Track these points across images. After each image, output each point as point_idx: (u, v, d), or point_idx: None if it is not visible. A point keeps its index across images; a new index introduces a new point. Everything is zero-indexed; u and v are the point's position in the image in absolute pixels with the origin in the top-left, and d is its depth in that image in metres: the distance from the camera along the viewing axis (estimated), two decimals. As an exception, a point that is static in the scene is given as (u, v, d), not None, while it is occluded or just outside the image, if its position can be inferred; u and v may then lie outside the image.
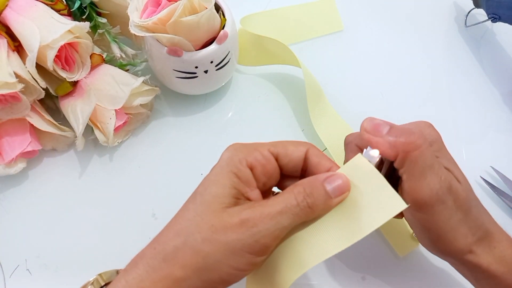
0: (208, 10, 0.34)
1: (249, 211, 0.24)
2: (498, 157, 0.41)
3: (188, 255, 0.23)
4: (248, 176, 0.25)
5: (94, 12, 0.38)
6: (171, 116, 0.42)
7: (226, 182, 0.25)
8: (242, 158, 0.25)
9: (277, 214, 0.23)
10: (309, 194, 0.24)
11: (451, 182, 0.25)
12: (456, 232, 0.26)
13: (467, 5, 0.50)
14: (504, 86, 0.46)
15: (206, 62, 0.37)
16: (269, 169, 0.26)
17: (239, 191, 0.25)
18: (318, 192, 0.24)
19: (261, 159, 0.26)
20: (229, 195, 0.25)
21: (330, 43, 0.48)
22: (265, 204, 0.24)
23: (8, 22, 0.34)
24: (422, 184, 0.25)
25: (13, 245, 0.36)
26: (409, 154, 0.24)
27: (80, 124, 0.35)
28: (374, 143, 0.25)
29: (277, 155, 0.26)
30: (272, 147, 0.26)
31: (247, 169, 0.25)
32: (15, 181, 0.39)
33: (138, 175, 0.39)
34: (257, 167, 0.26)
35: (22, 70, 0.34)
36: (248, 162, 0.25)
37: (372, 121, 0.26)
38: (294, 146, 0.27)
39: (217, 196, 0.24)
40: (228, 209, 0.24)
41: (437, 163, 0.25)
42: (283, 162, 0.26)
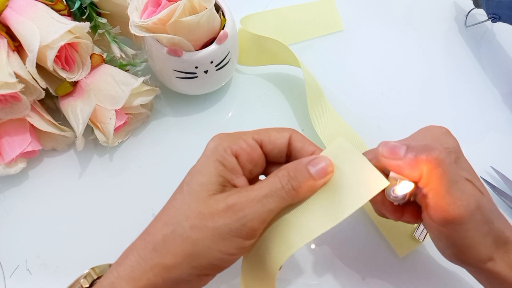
0: (208, 10, 0.34)
1: (235, 196, 0.24)
2: (498, 157, 0.41)
3: (177, 243, 0.24)
4: (234, 164, 0.26)
5: (94, 12, 0.38)
6: (171, 116, 0.42)
7: (212, 171, 0.25)
8: (226, 146, 0.26)
9: (263, 198, 0.24)
10: (293, 177, 0.24)
11: (476, 197, 0.25)
12: (481, 245, 0.26)
13: (467, 5, 0.50)
14: (504, 86, 0.46)
15: (206, 62, 0.37)
16: (254, 156, 0.26)
17: (225, 179, 0.25)
18: (302, 174, 0.25)
19: (245, 147, 0.26)
20: (215, 183, 0.25)
21: (330, 43, 0.48)
22: (251, 189, 0.24)
23: (8, 22, 0.34)
24: (449, 202, 0.24)
25: (13, 245, 0.36)
26: (433, 171, 0.24)
27: (80, 124, 0.35)
28: (396, 167, 0.25)
29: (261, 142, 0.27)
30: (255, 135, 0.27)
31: (232, 157, 0.26)
32: (15, 181, 0.39)
33: (138, 175, 0.39)
34: (242, 155, 0.26)
35: (22, 70, 0.34)
36: (232, 150, 0.26)
37: (387, 144, 0.26)
38: (277, 132, 0.27)
39: (203, 184, 0.25)
40: (214, 196, 0.24)
41: (461, 177, 0.25)
42: (268, 149, 0.27)
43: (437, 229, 0.26)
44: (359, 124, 0.42)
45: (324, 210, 0.25)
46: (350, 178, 0.25)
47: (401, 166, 0.25)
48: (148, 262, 0.24)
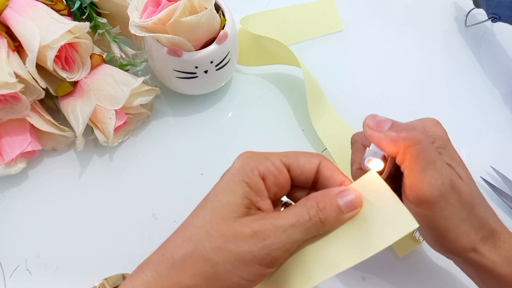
0: (208, 10, 0.34)
1: (261, 223, 0.23)
2: (498, 157, 0.41)
3: (198, 263, 0.23)
4: (260, 186, 0.25)
5: (94, 12, 0.38)
6: (171, 116, 0.42)
7: (237, 191, 0.24)
8: (254, 167, 0.25)
9: (289, 228, 0.23)
10: (322, 209, 0.24)
11: (453, 179, 0.25)
12: (459, 229, 0.26)
13: (467, 5, 0.50)
14: (504, 86, 0.46)
15: (206, 62, 0.37)
16: (280, 179, 0.26)
17: (250, 201, 0.25)
18: (330, 207, 0.24)
19: (273, 169, 0.25)
20: (241, 205, 0.24)
21: (330, 43, 0.48)
22: (277, 216, 0.24)
23: (8, 22, 0.34)
24: (423, 179, 0.25)
25: (13, 245, 0.36)
26: (409, 149, 0.25)
27: (80, 124, 0.35)
28: (376, 138, 0.26)
29: (289, 165, 0.26)
30: (284, 158, 0.26)
31: (259, 178, 0.25)
32: (15, 181, 0.39)
33: (138, 175, 0.39)
34: (269, 177, 0.25)
35: (22, 70, 0.34)
36: (260, 171, 0.25)
37: (375, 117, 0.26)
38: (306, 157, 0.26)
39: (228, 204, 0.24)
40: (239, 218, 0.24)
41: (439, 159, 0.25)
42: (295, 174, 0.26)
43: (414, 210, 0.26)
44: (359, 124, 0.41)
45: (350, 245, 0.24)
46: (378, 213, 0.24)
47: (382, 138, 0.25)
48: (165, 279, 0.23)
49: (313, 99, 0.41)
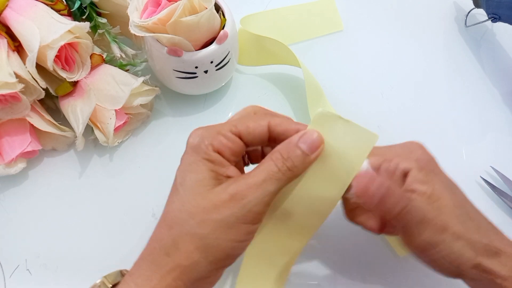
0: (208, 10, 0.34)
1: (235, 185, 0.25)
2: (498, 157, 0.41)
3: (188, 241, 0.24)
4: (219, 159, 0.26)
5: (94, 12, 0.38)
6: (171, 116, 0.42)
7: (202, 168, 0.25)
8: (208, 144, 0.26)
9: (262, 183, 0.24)
10: (287, 158, 0.25)
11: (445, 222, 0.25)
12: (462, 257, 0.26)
13: (467, 5, 0.50)
14: (504, 86, 0.46)
15: (206, 62, 0.37)
16: (235, 149, 0.26)
17: (216, 173, 0.26)
18: (294, 154, 0.25)
19: (226, 142, 0.26)
20: (209, 178, 0.25)
21: (330, 43, 0.48)
22: (248, 176, 0.25)
23: (8, 22, 0.34)
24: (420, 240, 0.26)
25: (13, 245, 0.36)
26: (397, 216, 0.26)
27: (80, 124, 0.35)
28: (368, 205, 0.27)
29: (240, 133, 0.27)
30: (233, 128, 0.27)
31: (216, 153, 0.26)
32: (15, 181, 0.39)
33: (138, 175, 0.39)
34: (224, 150, 0.26)
35: (22, 70, 0.33)
36: (214, 147, 0.26)
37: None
38: (254, 122, 0.27)
39: (198, 180, 0.25)
40: (213, 189, 0.25)
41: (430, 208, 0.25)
42: (247, 139, 0.27)
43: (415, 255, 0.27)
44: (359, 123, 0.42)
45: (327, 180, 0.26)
46: (341, 142, 0.26)
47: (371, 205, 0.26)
48: (163, 267, 0.24)
49: (313, 99, 0.41)
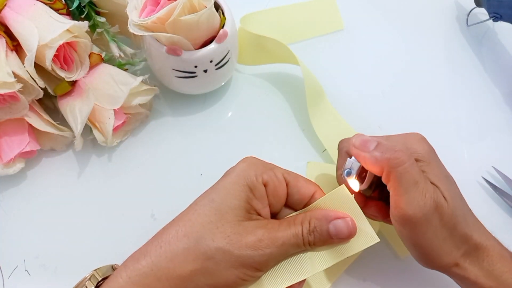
0: (208, 9, 0.33)
1: (264, 232, 0.25)
2: (500, 157, 0.41)
3: (199, 258, 0.24)
4: (262, 193, 0.27)
5: (93, 11, 0.38)
6: (170, 116, 0.42)
7: (241, 195, 0.26)
8: (258, 174, 0.27)
9: (287, 241, 0.26)
10: (313, 230, 0.26)
11: (437, 200, 0.26)
12: (441, 248, 0.27)
13: (469, 4, 0.49)
14: (506, 86, 0.46)
15: (205, 62, 0.37)
16: (279, 191, 0.27)
17: (251, 206, 0.26)
18: (320, 229, 0.26)
19: (275, 180, 0.27)
20: (243, 209, 0.26)
21: (331, 42, 0.48)
22: (278, 228, 0.26)
23: (7, 22, 0.34)
24: (406, 201, 0.26)
25: (11, 246, 0.36)
26: (393, 170, 0.26)
27: (79, 124, 0.35)
28: (361, 158, 0.27)
29: (288, 182, 0.28)
30: (286, 174, 0.28)
31: (262, 186, 0.27)
32: (13, 182, 0.38)
33: (137, 175, 0.39)
34: (270, 187, 0.27)
35: (21, 70, 0.33)
36: (264, 179, 0.27)
37: (361, 137, 0.28)
38: (305, 182, 0.28)
39: (233, 208, 0.26)
40: (242, 222, 0.26)
41: (423, 179, 0.26)
42: (291, 192, 0.28)
43: (399, 230, 0.27)
44: (360, 123, 0.42)
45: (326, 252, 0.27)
46: None
47: (367, 159, 0.27)
48: (163, 271, 0.24)
49: (312, 99, 0.41)
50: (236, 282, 0.25)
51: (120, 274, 0.25)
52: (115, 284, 0.24)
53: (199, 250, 0.24)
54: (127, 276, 0.24)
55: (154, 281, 0.24)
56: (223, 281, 0.25)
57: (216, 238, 0.25)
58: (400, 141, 0.28)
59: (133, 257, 0.26)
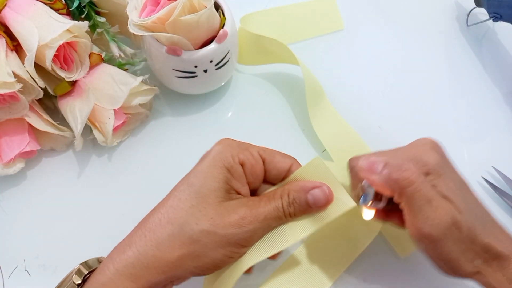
0: (208, 9, 0.33)
1: (246, 210, 0.26)
2: (500, 157, 0.41)
3: (185, 243, 0.25)
4: (240, 173, 0.27)
5: (93, 11, 0.38)
6: (170, 116, 0.42)
7: (220, 177, 0.26)
8: (235, 154, 0.27)
9: (268, 216, 0.26)
10: (292, 202, 0.27)
11: (452, 215, 0.26)
12: (461, 259, 0.26)
13: (469, 4, 0.49)
14: (506, 86, 0.46)
15: (205, 62, 0.37)
16: (257, 169, 0.28)
17: (231, 186, 0.27)
18: (301, 201, 0.27)
19: (251, 159, 0.28)
20: (223, 189, 0.26)
21: (331, 42, 0.48)
22: (258, 204, 0.27)
23: (7, 22, 0.34)
24: (421, 220, 0.26)
25: (11, 246, 0.36)
26: (403, 191, 0.26)
27: (79, 124, 0.35)
28: (371, 182, 0.27)
29: (264, 159, 0.28)
30: (261, 151, 0.28)
31: (239, 166, 0.27)
32: (13, 182, 0.38)
33: (137, 175, 0.39)
34: (247, 166, 0.27)
35: (21, 70, 0.33)
36: (240, 159, 0.27)
37: (368, 159, 0.28)
38: (281, 156, 0.29)
39: (212, 190, 0.26)
40: (223, 203, 0.26)
41: (435, 196, 0.26)
42: (268, 168, 0.28)
43: (416, 245, 0.28)
44: (360, 123, 0.42)
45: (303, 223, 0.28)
46: None
47: (376, 182, 0.27)
48: (150, 259, 0.25)
49: (312, 99, 0.41)
50: (223, 260, 0.26)
51: (107, 266, 0.25)
52: (103, 277, 0.25)
53: (184, 235, 0.25)
54: (114, 268, 0.25)
55: (142, 270, 0.25)
56: (210, 261, 0.25)
57: (199, 221, 0.25)
58: (408, 154, 0.28)
59: (118, 249, 0.26)
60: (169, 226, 0.25)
